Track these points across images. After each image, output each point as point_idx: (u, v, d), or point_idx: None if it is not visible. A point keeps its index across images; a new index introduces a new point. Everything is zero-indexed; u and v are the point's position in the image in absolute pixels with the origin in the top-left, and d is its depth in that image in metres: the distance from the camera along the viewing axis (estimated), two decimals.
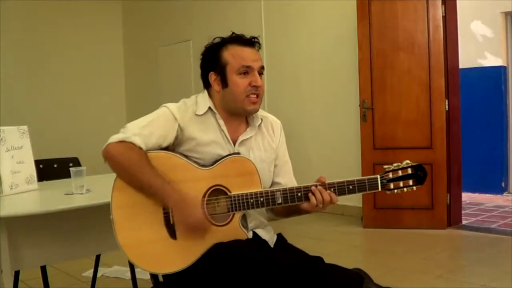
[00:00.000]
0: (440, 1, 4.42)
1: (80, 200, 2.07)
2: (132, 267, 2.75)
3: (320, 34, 5.41)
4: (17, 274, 2.36)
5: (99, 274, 3.02)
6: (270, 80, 5.86)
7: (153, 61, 7.56)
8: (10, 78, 6.81)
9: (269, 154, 1.84)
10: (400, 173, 1.70)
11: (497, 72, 6.22)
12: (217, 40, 1.79)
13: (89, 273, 3.28)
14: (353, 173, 4.81)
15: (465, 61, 5.65)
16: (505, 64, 6.23)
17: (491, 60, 6.27)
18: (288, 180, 1.88)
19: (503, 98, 6.23)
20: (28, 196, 2.21)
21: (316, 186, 1.66)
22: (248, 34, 1.82)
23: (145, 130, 1.67)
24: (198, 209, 1.62)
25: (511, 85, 6.28)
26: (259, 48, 1.79)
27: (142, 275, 3.03)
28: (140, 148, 1.64)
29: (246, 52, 1.74)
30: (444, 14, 4.46)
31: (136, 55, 7.91)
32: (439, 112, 4.45)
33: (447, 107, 4.51)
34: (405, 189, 1.72)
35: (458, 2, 4.67)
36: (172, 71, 7.21)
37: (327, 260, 1.58)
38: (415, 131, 4.50)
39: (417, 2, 4.45)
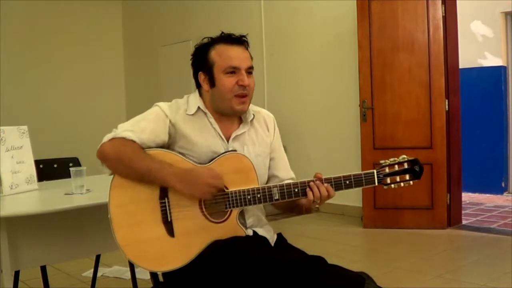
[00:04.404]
0: (440, 1, 4.42)
1: (80, 200, 2.07)
2: (132, 267, 2.76)
3: (320, 34, 5.41)
4: (17, 274, 2.36)
5: (99, 274, 3.02)
6: (270, 80, 5.86)
7: (153, 61, 7.56)
8: (10, 78, 6.81)
9: (264, 148, 1.85)
10: (396, 167, 1.70)
11: (497, 72, 6.22)
12: (206, 40, 1.79)
13: (89, 273, 3.28)
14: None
15: (465, 61, 5.65)
16: (505, 64, 6.23)
17: (491, 60, 6.27)
18: (285, 172, 1.89)
19: (503, 98, 6.23)
20: (28, 196, 2.21)
21: (313, 181, 1.67)
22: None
23: (136, 126, 1.69)
24: (205, 170, 1.63)
25: (511, 85, 6.28)
26: (247, 46, 1.78)
27: (142, 275, 3.03)
28: (133, 141, 1.65)
29: (233, 52, 1.74)
30: (444, 14, 4.45)
31: (136, 55, 7.91)
32: (439, 112, 4.45)
33: (447, 107, 4.51)
34: (402, 183, 1.70)
35: (458, 2, 4.67)
36: (172, 71, 7.21)
37: (327, 260, 1.58)
38: (415, 131, 4.50)
39: (417, 2, 4.45)
